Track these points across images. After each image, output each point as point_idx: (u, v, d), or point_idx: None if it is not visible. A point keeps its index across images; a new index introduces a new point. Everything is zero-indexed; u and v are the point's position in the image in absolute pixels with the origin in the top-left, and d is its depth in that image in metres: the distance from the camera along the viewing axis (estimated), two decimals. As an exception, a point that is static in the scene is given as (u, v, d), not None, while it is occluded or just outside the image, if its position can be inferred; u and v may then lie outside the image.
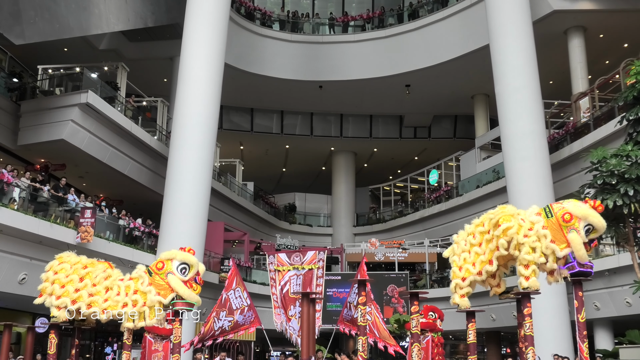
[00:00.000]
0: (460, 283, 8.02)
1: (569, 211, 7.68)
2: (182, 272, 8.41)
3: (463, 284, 8.00)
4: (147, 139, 23.38)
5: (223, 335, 12.88)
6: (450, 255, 8.33)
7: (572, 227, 7.59)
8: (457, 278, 8.06)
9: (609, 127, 19.99)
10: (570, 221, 7.62)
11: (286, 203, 38.57)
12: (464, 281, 8.00)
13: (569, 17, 24.94)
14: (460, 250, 8.20)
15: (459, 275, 8.07)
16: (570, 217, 7.64)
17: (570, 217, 7.63)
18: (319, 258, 14.50)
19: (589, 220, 7.59)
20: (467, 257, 8.10)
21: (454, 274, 8.14)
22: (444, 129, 37.01)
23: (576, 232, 7.55)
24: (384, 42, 31.23)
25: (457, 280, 8.05)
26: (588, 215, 7.61)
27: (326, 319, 19.49)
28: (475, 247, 8.07)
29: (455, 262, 8.19)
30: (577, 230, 7.57)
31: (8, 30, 17.20)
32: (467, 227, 8.32)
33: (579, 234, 7.55)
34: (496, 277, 8.17)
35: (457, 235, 8.38)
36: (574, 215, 7.63)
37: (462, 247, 8.21)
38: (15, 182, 16.45)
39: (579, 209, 7.67)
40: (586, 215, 7.61)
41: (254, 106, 35.19)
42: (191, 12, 22.38)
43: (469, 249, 8.14)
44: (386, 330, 12.46)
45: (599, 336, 21.31)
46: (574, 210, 7.68)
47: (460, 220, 28.85)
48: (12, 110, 20.06)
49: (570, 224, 7.61)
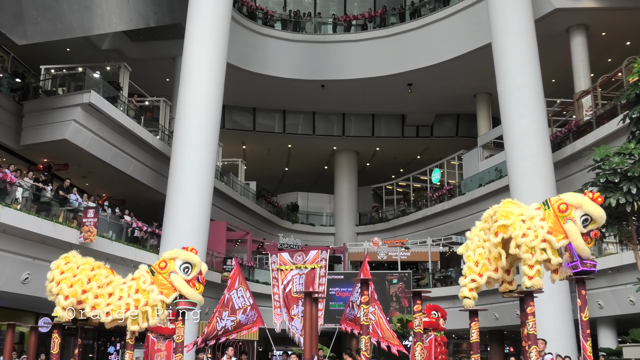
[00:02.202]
0: (477, 278, 8.01)
1: (564, 201, 7.68)
2: (184, 272, 8.42)
3: (480, 279, 8.00)
4: (149, 139, 23.40)
5: (226, 335, 12.88)
6: (464, 252, 8.32)
7: (569, 217, 7.58)
8: (474, 273, 8.05)
9: (611, 125, 19.95)
10: (566, 211, 7.61)
11: (289, 202, 38.58)
12: (481, 277, 8.00)
13: (571, 15, 24.89)
14: (474, 246, 8.19)
15: (475, 270, 8.04)
16: (565, 207, 7.63)
17: (566, 207, 7.63)
18: (322, 257, 14.49)
19: (584, 209, 7.55)
20: (482, 252, 8.10)
21: (470, 269, 8.10)
22: (447, 127, 36.98)
23: (572, 222, 7.54)
24: (386, 41, 31.22)
25: (474, 275, 8.04)
26: (583, 203, 7.58)
27: (329, 318, 19.49)
28: (487, 242, 8.08)
29: (470, 257, 8.16)
30: (573, 220, 7.55)
31: (11, 31, 17.24)
32: (477, 224, 8.33)
33: (576, 223, 7.53)
34: (510, 273, 8.19)
35: (470, 232, 8.38)
36: (568, 204, 7.62)
37: (475, 242, 8.20)
38: (18, 182, 16.47)
39: (574, 198, 7.67)
40: (580, 203, 7.58)
41: (256, 106, 35.21)
42: (193, 12, 22.39)
43: (482, 244, 8.14)
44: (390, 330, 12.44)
45: (602, 335, 21.29)
46: (568, 199, 7.68)
47: (463, 219, 28.88)
48: (15, 110, 20.10)
49: (567, 214, 7.60)
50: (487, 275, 7.99)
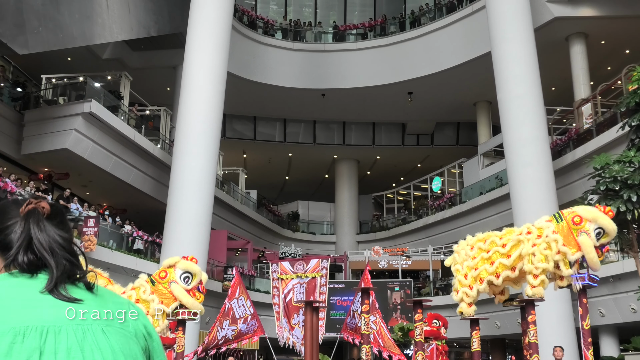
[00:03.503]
0: (468, 291, 8.02)
1: (578, 214, 7.69)
2: (185, 281, 8.42)
3: (471, 292, 8.01)
4: (150, 148, 23.43)
5: (227, 344, 12.85)
6: (452, 264, 8.35)
7: (583, 230, 7.59)
8: (465, 286, 8.07)
9: (611, 133, 19.97)
10: (581, 224, 7.62)
11: (289, 211, 38.56)
12: (472, 289, 8.01)
13: (570, 23, 24.97)
14: (461, 260, 8.23)
15: (465, 283, 8.07)
16: (580, 219, 7.64)
17: (580, 220, 7.64)
18: (322, 266, 14.48)
19: (598, 223, 7.58)
20: (470, 264, 8.12)
21: (460, 282, 8.14)
22: (447, 136, 37.02)
23: (587, 235, 7.55)
24: (386, 50, 31.32)
25: (465, 288, 8.06)
26: (598, 217, 7.61)
27: (330, 327, 19.45)
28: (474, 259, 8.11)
29: (458, 271, 8.21)
30: (587, 233, 7.56)
31: (12, 40, 17.30)
32: (468, 238, 8.35)
33: (590, 236, 7.54)
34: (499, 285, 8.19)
35: (458, 245, 8.41)
36: (583, 217, 7.64)
37: (462, 256, 8.24)
38: (19, 191, 16.49)
39: (588, 211, 7.70)
40: (596, 217, 7.61)
41: (257, 114, 35.26)
42: (194, 21, 22.47)
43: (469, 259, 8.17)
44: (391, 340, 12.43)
45: (604, 343, 21.22)
46: (583, 213, 7.69)
47: (463, 228, 28.84)
48: (16, 119, 20.14)
49: (581, 227, 7.61)
50: (477, 289, 8.02)
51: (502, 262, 7.80)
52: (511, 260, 7.76)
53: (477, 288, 8.00)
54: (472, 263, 8.04)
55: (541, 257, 7.59)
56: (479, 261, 8.00)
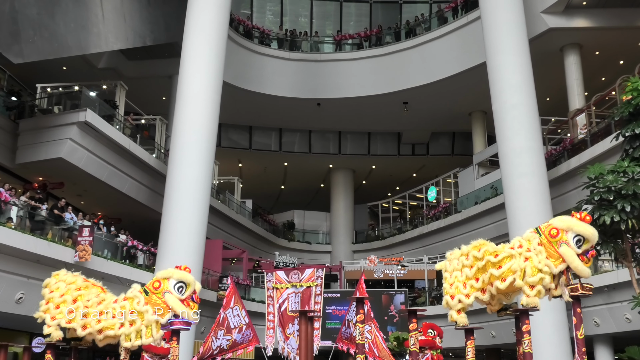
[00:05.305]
0: (449, 300, 8.09)
1: (554, 226, 7.74)
2: (179, 291, 8.41)
3: (452, 301, 8.06)
4: (145, 157, 23.39)
5: (221, 354, 12.80)
6: (443, 270, 8.41)
7: (562, 241, 7.62)
8: (448, 295, 8.15)
9: (605, 143, 20.05)
10: (558, 235, 7.67)
11: (285, 220, 38.53)
12: (453, 299, 8.06)
13: (565, 34, 25.13)
14: (452, 268, 8.26)
15: (449, 292, 8.15)
16: (556, 231, 7.70)
17: (557, 232, 7.69)
18: (317, 276, 14.47)
19: (574, 230, 7.61)
20: (458, 275, 8.15)
21: (446, 290, 8.22)
22: (442, 145, 37.11)
23: (566, 245, 7.57)
24: (381, 60, 31.42)
25: (447, 297, 8.13)
26: (572, 225, 7.65)
27: (325, 337, 19.40)
28: (466, 268, 8.14)
29: (447, 279, 8.27)
30: (566, 242, 7.59)
31: (7, 49, 17.29)
32: (463, 248, 8.37)
33: (570, 246, 7.56)
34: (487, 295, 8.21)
35: (451, 253, 8.44)
36: (558, 228, 7.69)
37: (454, 265, 8.27)
38: (13, 200, 16.42)
39: (562, 221, 7.75)
40: (570, 226, 7.65)
41: (253, 124, 35.29)
42: (190, 31, 22.50)
43: (460, 268, 8.20)
44: (386, 349, 12.41)
45: (599, 353, 21.19)
46: (558, 224, 7.75)
47: (459, 237, 28.86)
48: (11, 128, 20.09)
49: (559, 238, 7.66)
50: (458, 298, 8.06)
51: (492, 272, 7.82)
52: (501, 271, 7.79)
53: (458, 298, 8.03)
54: (471, 273, 8.05)
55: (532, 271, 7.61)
56: (477, 271, 8.02)
